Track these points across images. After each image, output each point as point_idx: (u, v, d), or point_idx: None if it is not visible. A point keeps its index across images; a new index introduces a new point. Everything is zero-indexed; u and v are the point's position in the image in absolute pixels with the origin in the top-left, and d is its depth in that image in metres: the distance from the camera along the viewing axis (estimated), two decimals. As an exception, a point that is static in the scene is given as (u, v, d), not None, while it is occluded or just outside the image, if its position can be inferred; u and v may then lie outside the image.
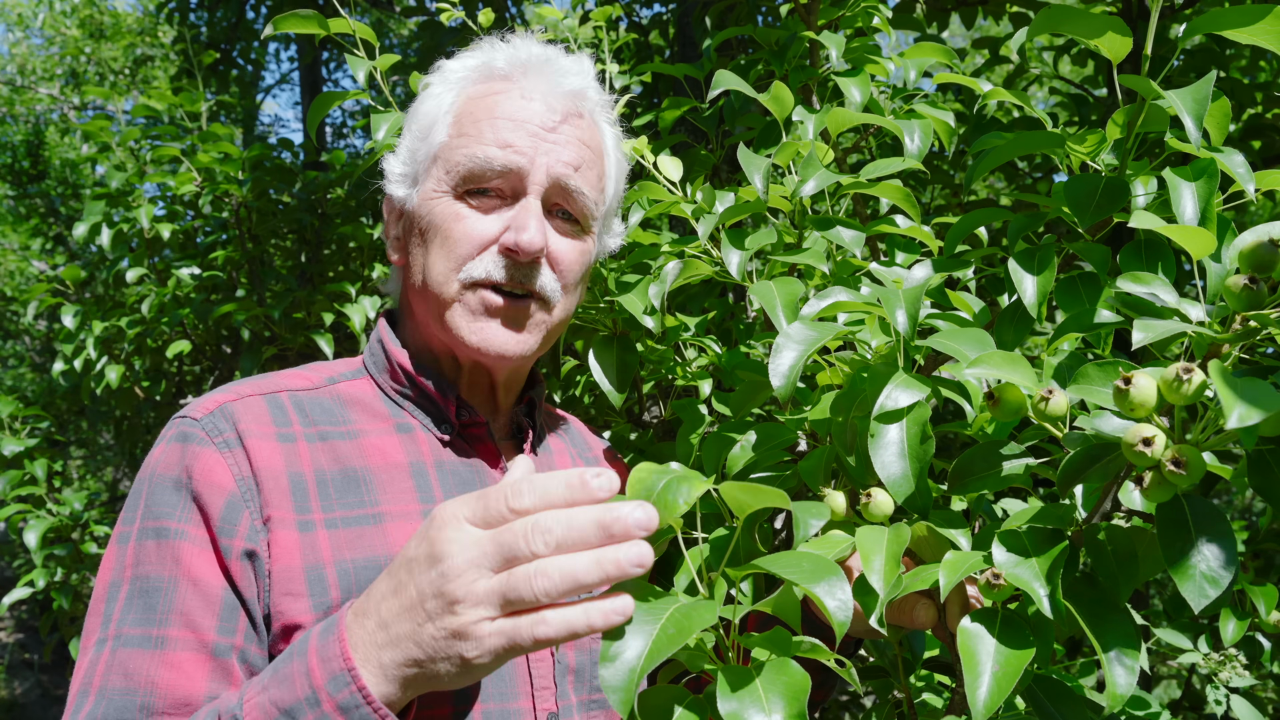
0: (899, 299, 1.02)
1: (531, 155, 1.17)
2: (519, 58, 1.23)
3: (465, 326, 1.17)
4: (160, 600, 1.00)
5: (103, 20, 12.87)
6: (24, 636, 9.30)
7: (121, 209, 3.11)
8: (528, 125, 1.18)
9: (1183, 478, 0.79)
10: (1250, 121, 3.04)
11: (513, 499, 0.80)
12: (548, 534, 0.78)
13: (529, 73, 1.22)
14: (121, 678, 0.97)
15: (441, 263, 1.17)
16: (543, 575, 0.78)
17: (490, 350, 1.17)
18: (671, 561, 1.33)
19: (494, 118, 1.18)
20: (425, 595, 0.82)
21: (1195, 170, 1.03)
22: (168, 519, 1.03)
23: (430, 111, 1.23)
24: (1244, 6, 0.97)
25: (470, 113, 1.20)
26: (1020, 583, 0.86)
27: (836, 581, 0.81)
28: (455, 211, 1.18)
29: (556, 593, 0.78)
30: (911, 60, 1.71)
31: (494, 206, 1.18)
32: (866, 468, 1.01)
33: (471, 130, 1.18)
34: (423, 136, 1.22)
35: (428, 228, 1.19)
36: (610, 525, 0.78)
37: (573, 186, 1.20)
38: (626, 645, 0.76)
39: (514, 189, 1.18)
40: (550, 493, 0.80)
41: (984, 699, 0.83)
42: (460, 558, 0.80)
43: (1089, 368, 0.88)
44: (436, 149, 1.20)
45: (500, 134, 1.17)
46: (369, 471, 1.13)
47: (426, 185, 1.20)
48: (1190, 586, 0.80)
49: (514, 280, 1.17)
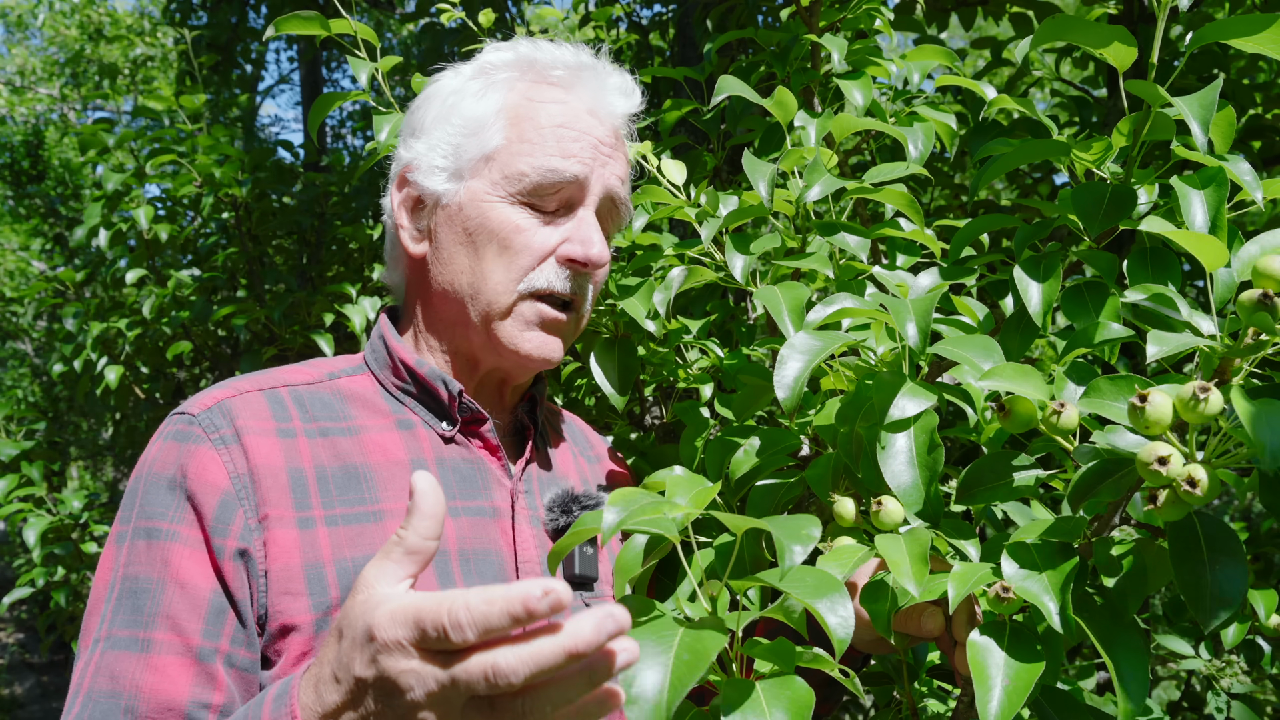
0: (909, 310, 1.01)
1: (592, 167, 1.18)
2: (570, 63, 1.22)
3: (519, 336, 1.18)
4: (148, 602, 1.00)
5: (102, 21, 12.86)
6: (24, 636, 9.29)
7: (121, 210, 3.10)
8: (588, 137, 1.18)
9: (1197, 498, 0.79)
10: (1250, 122, 3.03)
11: (453, 633, 0.71)
12: (509, 677, 0.72)
13: (582, 81, 1.22)
14: (108, 680, 0.97)
15: (500, 272, 1.16)
16: (528, 714, 0.74)
17: (541, 358, 1.19)
18: (676, 563, 1.32)
19: (558, 126, 1.17)
20: None
21: (1204, 178, 1.02)
22: (160, 519, 1.03)
23: (478, 109, 1.19)
24: (1249, 16, 0.96)
25: (530, 118, 1.18)
26: (1030, 597, 0.85)
27: (839, 598, 0.80)
28: (514, 221, 1.16)
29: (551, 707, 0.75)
30: (914, 63, 1.71)
31: (551, 217, 1.19)
32: (875, 476, 1.01)
33: (534, 138, 1.17)
34: (470, 133, 1.19)
35: (479, 230, 1.17)
36: (576, 646, 0.71)
37: (620, 199, 1.23)
38: (645, 683, 0.74)
39: (571, 199, 1.19)
40: (491, 624, 0.71)
41: (995, 712, 0.83)
42: (420, 691, 0.74)
43: (1101, 382, 0.87)
44: (490, 150, 1.17)
45: (565, 145, 1.17)
46: (370, 468, 1.12)
47: (477, 184, 1.18)
48: (1202, 607, 0.80)
49: (573, 290, 1.18)
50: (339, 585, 1.03)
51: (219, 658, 0.99)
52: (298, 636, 1.02)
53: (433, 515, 0.79)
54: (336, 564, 1.04)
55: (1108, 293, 1.09)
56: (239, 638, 1.01)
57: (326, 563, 1.04)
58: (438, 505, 0.79)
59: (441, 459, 1.18)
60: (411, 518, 0.79)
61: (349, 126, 11.72)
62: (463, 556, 1.12)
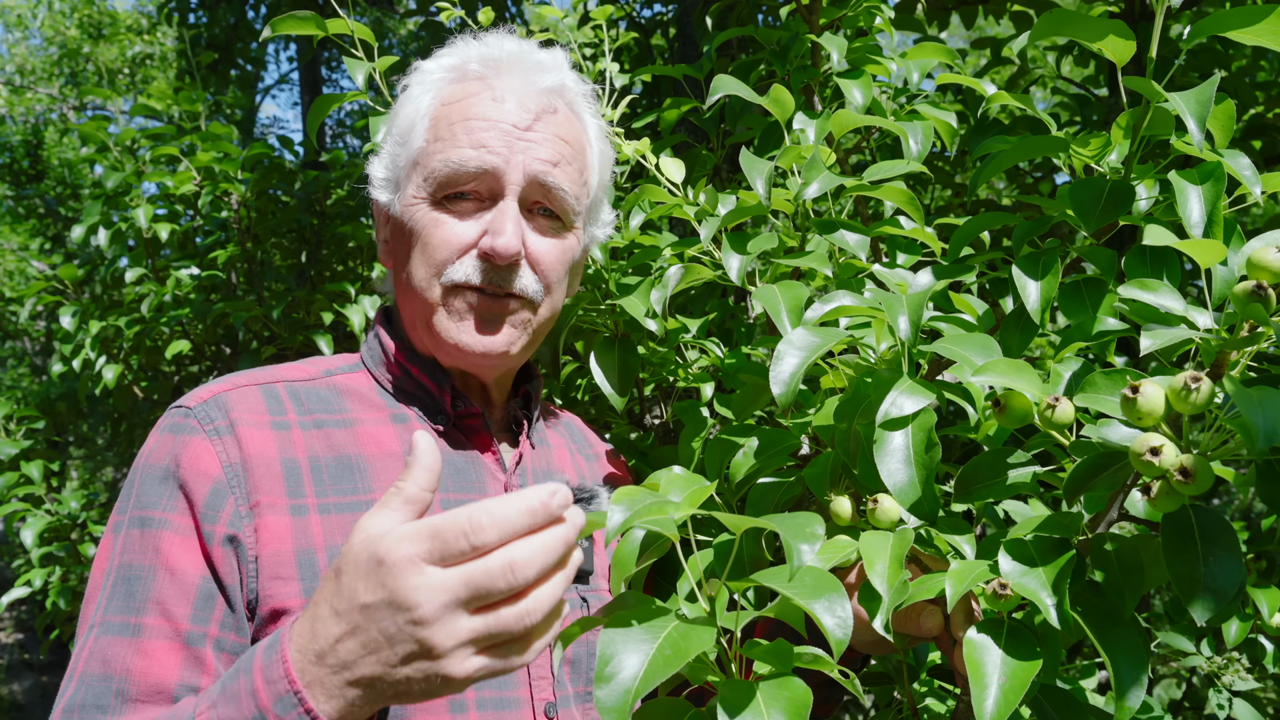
0: (902, 305, 1.01)
1: (507, 155, 1.16)
2: (491, 56, 1.22)
3: (451, 329, 1.18)
4: (139, 588, 1.02)
5: (101, 20, 12.86)
6: (24, 636, 9.29)
7: (120, 209, 3.10)
8: (500, 125, 1.17)
9: (1190, 488, 0.78)
10: (1251, 121, 3.03)
11: (474, 535, 0.76)
12: (526, 569, 0.76)
13: (502, 71, 1.21)
14: (100, 664, 0.99)
15: (422, 269, 1.18)
16: (530, 614, 0.78)
17: (474, 351, 1.18)
18: (673, 564, 1.32)
19: (467, 119, 1.17)
20: (395, 639, 0.79)
21: (1202, 174, 1.02)
22: (152, 509, 1.05)
23: (408, 115, 1.22)
24: (1247, 8, 0.96)
25: (445, 116, 1.19)
26: (1027, 593, 0.85)
27: (836, 598, 0.80)
28: (434, 218, 1.18)
29: (541, 621, 0.79)
30: (914, 61, 1.70)
31: (472, 210, 1.18)
32: (872, 474, 1.00)
33: (446, 134, 1.17)
34: (402, 141, 1.21)
35: (409, 234, 1.19)
36: (571, 536, 0.79)
37: (552, 184, 1.19)
38: (622, 664, 0.75)
39: (491, 190, 1.18)
40: (513, 524, 0.76)
41: (991, 711, 0.82)
42: (432, 604, 0.77)
43: (1096, 376, 0.87)
44: (415, 154, 1.19)
45: (474, 135, 1.16)
46: (364, 459, 1.14)
47: (407, 191, 1.20)
48: (1196, 599, 0.79)
49: (492, 283, 1.17)
50: None
51: (208, 642, 1.01)
52: (289, 620, 1.03)
53: (430, 468, 0.83)
54: (328, 550, 1.06)
55: (1106, 289, 1.08)
56: (228, 622, 1.03)
57: (318, 549, 1.06)
58: (435, 460, 0.83)
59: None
60: (410, 469, 0.82)
61: (349, 126, 11.72)
62: None
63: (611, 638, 0.78)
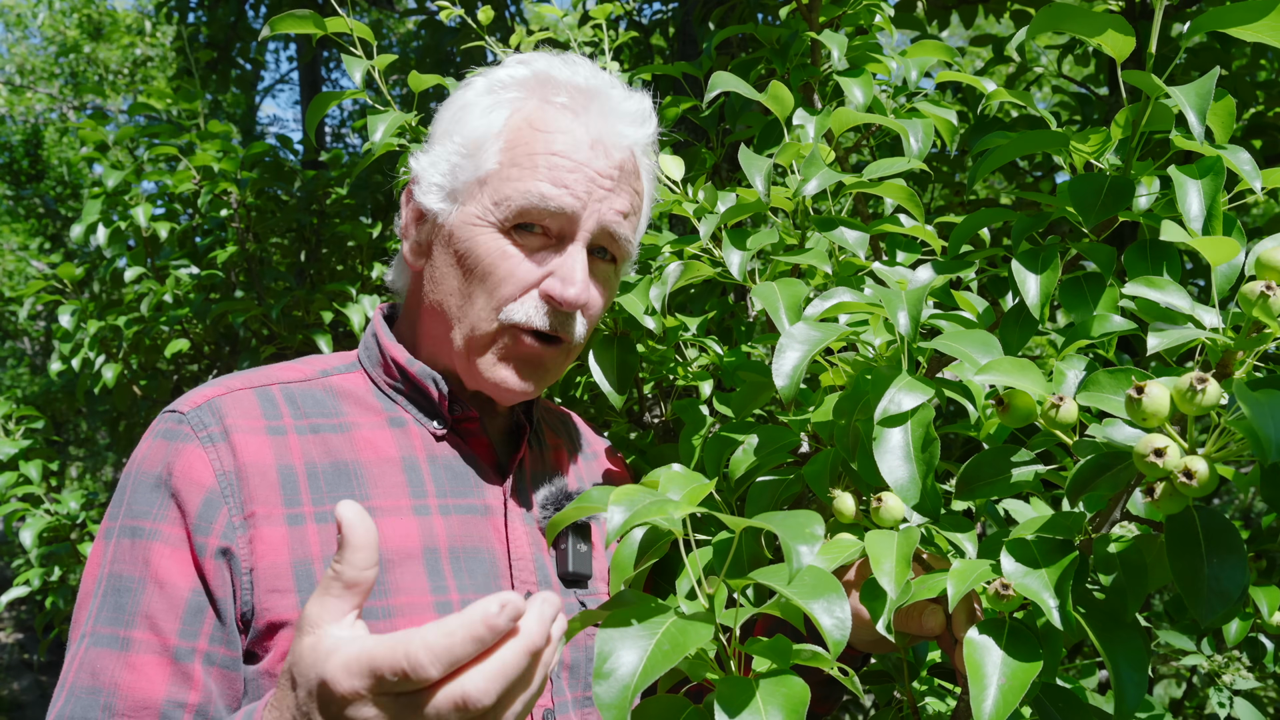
0: (901, 301, 1.00)
1: (586, 201, 1.13)
2: (579, 86, 1.18)
3: (492, 369, 1.16)
4: (129, 600, 1.01)
5: (101, 20, 12.86)
6: (23, 636, 9.29)
7: (119, 208, 3.09)
8: (586, 169, 1.14)
9: (1194, 489, 0.78)
10: (1252, 120, 3.03)
11: (414, 673, 0.71)
12: (481, 699, 0.73)
13: (591, 110, 1.17)
14: (89, 676, 0.98)
15: (483, 299, 1.14)
16: None
17: (508, 390, 1.17)
18: (672, 561, 1.31)
19: (552, 153, 1.13)
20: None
21: (1201, 168, 1.01)
22: (143, 518, 1.03)
23: (479, 129, 1.16)
24: (1247, 3, 0.95)
25: (525, 143, 1.14)
26: (1029, 593, 0.84)
27: (835, 599, 0.79)
28: (501, 249, 1.14)
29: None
30: (913, 59, 1.70)
31: (538, 246, 1.15)
32: (871, 471, 1.00)
33: (527, 163, 1.13)
34: (468, 154, 1.16)
35: (466, 256, 1.15)
36: (536, 644, 0.75)
37: (620, 235, 1.18)
38: (620, 661, 0.75)
39: (561, 231, 1.15)
40: (455, 656, 0.72)
41: (990, 712, 0.82)
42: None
43: (1100, 375, 0.86)
44: (484, 174, 1.15)
45: (557, 174, 1.12)
46: (360, 465, 1.12)
47: (469, 209, 1.15)
48: (1199, 602, 0.79)
49: (553, 327, 1.15)
50: None
51: (196, 657, 1.00)
52: (286, 633, 1.02)
53: (365, 545, 0.78)
54: (325, 561, 1.05)
55: (1106, 286, 1.08)
56: (218, 636, 1.02)
57: (315, 560, 1.05)
58: (369, 534, 0.79)
59: (433, 456, 1.18)
60: (344, 550, 0.78)
61: (349, 126, 11.72)
62: (453, 555, 1.12)
63: (609, 635, 0.77)
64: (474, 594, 1.11)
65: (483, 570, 1.14)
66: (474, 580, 1.12)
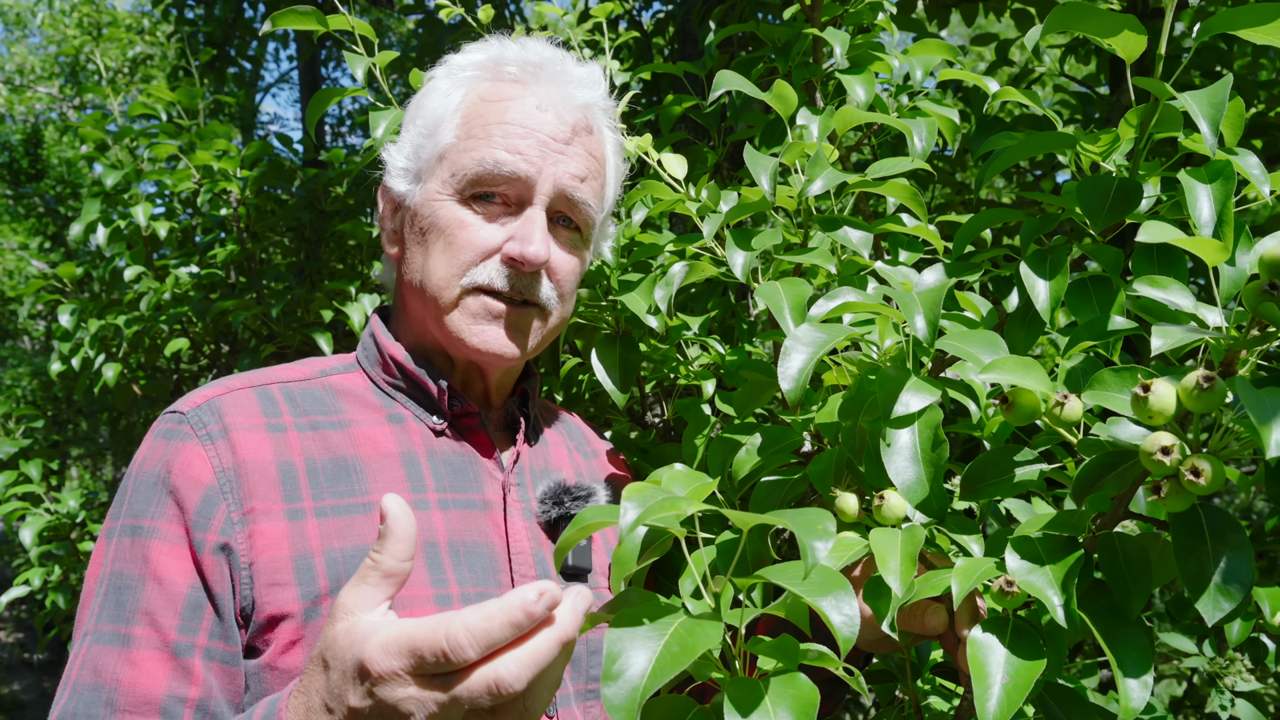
0: (916, 304, 1.00)
1: (540, 165, 1.17)
2: (530, 60, 1.21)
3: (467, 329, 1.18)
4: (129, 598, 1.02)
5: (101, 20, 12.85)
6: (23, 636, 9.29)
7: (119, 207, 3.09)
8: (538, 134, 1.17)
9: (1201, 487, 0.78)
10: (1253, 120, 3.02)
11: (453, 654, 0.73)
12: (513, 685, 0.74)
13: (541, 78, 1.21)
14: (91, 673, 1.00)
15: (444, 267, 1.17)
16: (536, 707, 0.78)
17: (490, 351, 1.18)
18: (673, 563, 1.31)
19: (504, 122, 1.17)
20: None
21: (1211, 172, 1.01)
22: (142, 517, 1.05)
23: (437, 108, 1.21)
24: (1257, 6, 0.95)
25: (479, 115, 1.19)
26: (1034, 591, 0.84)
27: (843, 595, 0.79)
28: (459, 217, 1.17)
29: None
30: (917, 58, 1.69)
31: (498, 214, 1.18)
32: (877, 472, 1.00)
33: (480, 134, 1.17)
34: (428, 134, 1.21)
35: (429, 229, 1.19)
36: (569, 634, 0.77)
37: (578, 199, 1.21)
38: (630, 662, 0.75)
39: (519, 197, 1.18)
40: (494, 639, 0.74)
41: (994, 711, 0.82)
42: (422, 715, 0.76)
43: (1105, 374, 0.86)
44: (443, 149, 1.19)
45: (511, 140, 1.16)
46: (360, 460, 1.14)
47: (430, 185, 1.20)
48: (1205, 600, 0.78)
49: (515, 289, 1.18)
50: (328, 575, 1.05)
51: (196, 652, 1.01)
52: (287, 625, 1.03)
53: (405, 538, 0.80)
54: (325, 554, 1.06)
55: (1112, 287, 1.08)
56: (217, 631, 1.03)
57: (315, 553, 1.06)
58: (410, 527, 0.81)
59: (432, 451, 1.19)
60: (385, 541, 0.80)
61: (348, 125, 11.72)
62: (453, 549, 1.13)
63: (618, 635, 0.77)
64: (473, 588, 1.12)
65: (482, 564, 1.14)
66: (474, 574, 1.13)
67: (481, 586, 1.12)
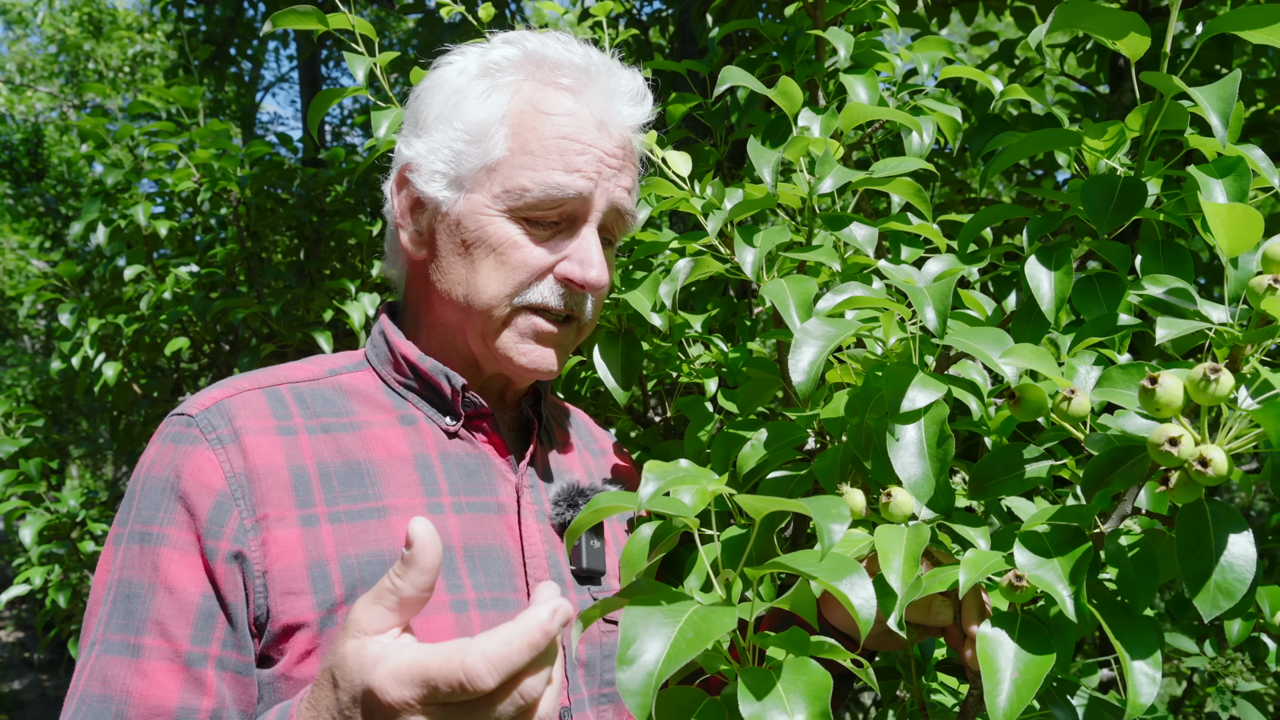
0: (926, 295, 0.99)
1: (596, 181, 1.14)
2: (580, 66, 1.17)
3: (515, 348, 1.16)
4: (139, 607, 1.00)
5: (101, 18, 12.85)
6: (23, 635, 9.28)
7: (119, 206, 3.09)
8: (595, 150, 1.14)
9: (1210, 478, 0.78)
10: (1253, 118, 3.03)
11: (472, 682, 0.72)
12: (535, 693, 0.75)
13: (595, 88, 1.17)
14: (100, 684, 0.97)
15: (496, 285, 1.14)
16: None
17: (537, 370, 1.17)
18: (680, 558, 1.31)
19: (562, 138, 1.13)
20: None
21: (1222, 167, 1.01)
22: (152, 523, 1.02)
23: (480, 115, 1.15)
24: (1260, 7, 0.96)
25: (533, 128, 1.13)
26: (1043, 584, 0.84)
27: (859, 579, 0.80)
28: (512, 237, 1.14)
29: None
30: (922, 55, 1.69)
31: (550, 232, 1.16)
32: (883, 468, 1.00)
33: (537, 150, 1.12)
34: (473, 140, 1.14)
35: (476, 243, 1.14)
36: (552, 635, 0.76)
37: (626, 210, 1.19)
38: (644, 648, 0.75)
39: (574, 215, 1.15)
40: (514, 665, 0.73)
41: (1004, 707, 0.82)
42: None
43: (1113, 370, 0.86)
44: (493, 161, 1.13)
45: (568, 159, 1.12)
46: (372, 464, 1.11)
47: (477, 196, 1.14)
48: (1203, 596, 0.79)
49: (568, 307, 1.16)
50: (343, 583, 1.03)
51: (209, 662, 0.99)
52: (303, 634, 1.01)
53: (429, 569, 0.79)
54: (340, 561, 1.04)
55: (1120, 284, 1.07)
56: (229, 641, 1.01)
57: (330, 560, 1.03)
58: (434, 558, 0.79)
59: (445, 454, 1.17)
60: (408, 568, 0.79)
61: (349, 125, 11.72)
62: (468, 553, 1.11)
63: (633, 621, 0.77)
64: (489, 592, 1.10)
65: (497, 569, 1.13)
66: (489, 579, 1.11)
67: (497, 591, 1.11)
